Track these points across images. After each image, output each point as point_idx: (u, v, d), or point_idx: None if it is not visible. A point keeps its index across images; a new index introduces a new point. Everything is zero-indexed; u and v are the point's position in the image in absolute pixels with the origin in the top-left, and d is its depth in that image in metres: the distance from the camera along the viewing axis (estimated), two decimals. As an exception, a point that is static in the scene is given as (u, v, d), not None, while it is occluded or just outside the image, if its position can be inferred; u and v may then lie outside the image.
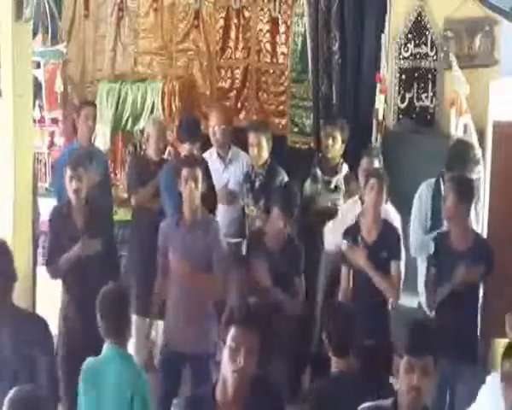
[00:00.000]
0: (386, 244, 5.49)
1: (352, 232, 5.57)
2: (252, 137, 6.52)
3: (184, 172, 5.37)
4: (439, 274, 5.23)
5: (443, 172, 5.79)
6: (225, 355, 3.25)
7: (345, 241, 5.55)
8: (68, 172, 5.56)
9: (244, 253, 6.14)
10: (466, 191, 5.26)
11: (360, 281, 5.50)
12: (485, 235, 6.28)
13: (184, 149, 6.30)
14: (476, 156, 5.98)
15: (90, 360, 4.17)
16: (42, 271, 5.90)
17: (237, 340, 3.21)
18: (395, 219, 5.86)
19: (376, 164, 6.08)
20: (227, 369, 3.24)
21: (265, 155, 6.53)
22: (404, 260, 5.73)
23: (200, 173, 5.39)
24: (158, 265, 5.52)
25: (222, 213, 6.58)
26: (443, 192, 5.62)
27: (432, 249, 5.37)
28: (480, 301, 5.92)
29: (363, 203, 5.81)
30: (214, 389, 3.31)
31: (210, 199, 6.23)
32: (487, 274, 5.26)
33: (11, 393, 3.33)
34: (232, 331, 3.24)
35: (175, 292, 5.39)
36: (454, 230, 5.30)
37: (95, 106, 7.11)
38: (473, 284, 5.24)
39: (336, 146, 6.54)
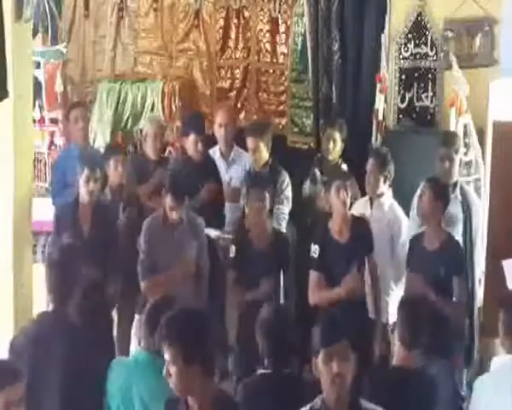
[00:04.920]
0: (359, 241, 5.43)
1: (321, 235, 5.48)
2: (249, 142, 6.51)
3: None
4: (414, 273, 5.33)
5: None
6: None
7: (315, 246, 5.39)
8: (86, 173, 5.59)
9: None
10: (441, 192, 5.36)
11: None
12: (485, 234, 6.29)
13: (190, 142, 6.31)
14: (457, 142, 6.07)
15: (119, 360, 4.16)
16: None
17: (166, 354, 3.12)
18: (403, 221, 5.89)
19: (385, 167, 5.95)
20: None
21: (265, 157, 6.51)
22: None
23: None
24: (142, 263, 5.48)
25: (225, 211, 6.59)
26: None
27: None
28: (481, 301, 5.94)
29: (372, 203, 5.88)
30: None
31: (219, 195, 6.27)
32: (459, 277, 5.24)
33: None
34: None
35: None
36: (427, 229, 5.40)
37: (84, 106, 7.07)
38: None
39: (337, 148, 6.55)
